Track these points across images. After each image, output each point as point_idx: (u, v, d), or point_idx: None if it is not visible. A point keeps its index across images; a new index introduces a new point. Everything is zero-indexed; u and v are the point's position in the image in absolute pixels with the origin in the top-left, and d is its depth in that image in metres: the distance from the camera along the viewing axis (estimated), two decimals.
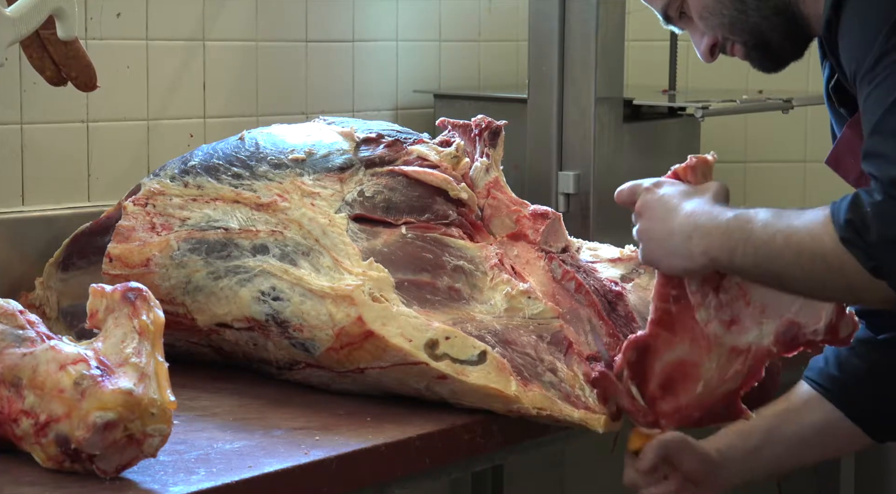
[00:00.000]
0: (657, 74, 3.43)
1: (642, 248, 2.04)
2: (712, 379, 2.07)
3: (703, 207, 1.97)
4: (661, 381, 2.08)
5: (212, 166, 2.31)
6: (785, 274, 1.89)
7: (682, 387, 2.07)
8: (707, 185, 2.03)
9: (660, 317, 2.06)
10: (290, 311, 2.15)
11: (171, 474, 1.81)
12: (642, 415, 2.10)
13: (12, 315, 1.87)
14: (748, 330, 2.05)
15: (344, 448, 1.94)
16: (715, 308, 2.05)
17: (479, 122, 2.39)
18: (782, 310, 2.04)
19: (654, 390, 2.08)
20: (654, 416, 2.09)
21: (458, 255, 2.22)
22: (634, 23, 3.37)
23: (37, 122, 2.60)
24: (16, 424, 1.81)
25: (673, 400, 2.08)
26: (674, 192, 2.02)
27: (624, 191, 2.09)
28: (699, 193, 2.01)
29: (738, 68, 3.63)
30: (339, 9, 3.12)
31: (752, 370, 2.07)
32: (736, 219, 1.92)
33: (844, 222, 1.81)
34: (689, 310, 2.05)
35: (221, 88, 2.89)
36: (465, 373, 2.06)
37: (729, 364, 2.07)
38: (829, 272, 1.84)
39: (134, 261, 2.27)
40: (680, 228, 1.98)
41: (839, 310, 2.03)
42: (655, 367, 2.07)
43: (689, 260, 1.97)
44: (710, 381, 2.07)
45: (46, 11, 2.09)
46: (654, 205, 2.02)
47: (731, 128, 3.65)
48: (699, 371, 2.06)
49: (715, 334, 2.05)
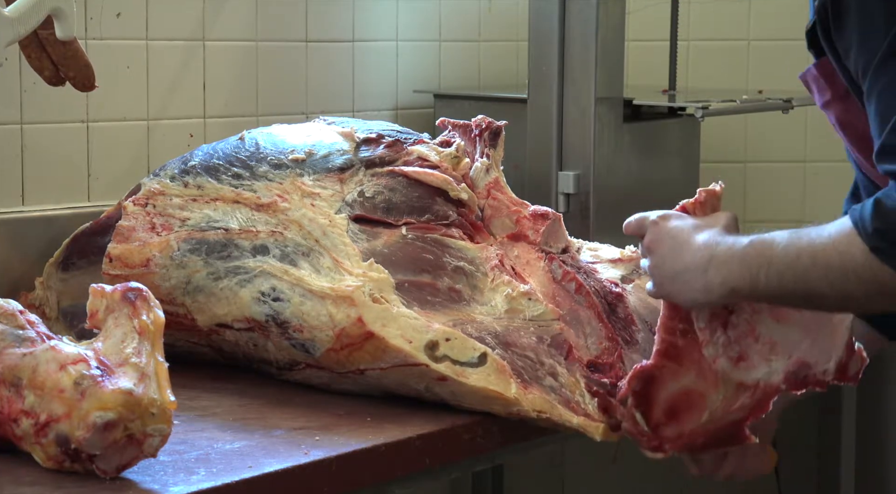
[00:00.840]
0: (657, 74, 3.43)
1: (655, 284, 2.01)
2: (717, 410, 2.05)
3: (717, 238, 1.94)
4: (666, 409, 2.05)
5: (212, 166, 2.31)
6: (814, 293, 1.86)
7: (686, 416, 2.05)
8: (717, 216, 2.00)
9: (666, 349, 2.03)
10: (290, 312, 2.15)
11: (171, 474, 1.81)
12: (646, 440, 2.07)
13: (12, 315, 1.87)
14: (757, 367, 2.03)
15: (344, 448, 1.93)
16: (723, 344, 2.02)
17: (479, 122, 2.39)
18: (792, 348, 2.01)
19: (659, 416, 2.05)
20: (657, 441, 2.07)
21: (459, 256, 2.22)
22: (634, 23, 3.37)
23: (37, 122, 2.60)
24: (16, 424, 1.81)
25: (677, 426, 2.06)
26: (684, 225, 1.99)
27: (631, 224, 2.05)
28: (710, 224, 1.97)
29: (738, 68, 3.65)
30: (339, 9, 3.12)
31: (760, 403, 2.05)
32: (752, 246, 1.89)
33: (872, 231, 1.77)
34: (696, 344, 2.02)
35: (221, 88, 2.89)
36: (466, 375, 2.06)
37: (736, 397, 2.04)
38: (862, 284, 1.80)
39: (134, 261, 2.27)
40: (694, 261, 1.94)
41: (849, 348, 2.01)
42: (661, 396, 2.04)
43: (707, 292, 1.94)
44: (715, 412, 2.05)
45: (45, 11, 2.09)
46: (664, 238, 1.99)
47: (731, 128, 3.65)
48: (705, 401, 2.04)
49: (723, 370, 2.02)
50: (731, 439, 2.09)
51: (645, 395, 2.04)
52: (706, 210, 2.04)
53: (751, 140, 3.71)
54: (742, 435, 2.08)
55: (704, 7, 3.63)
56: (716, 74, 3.63)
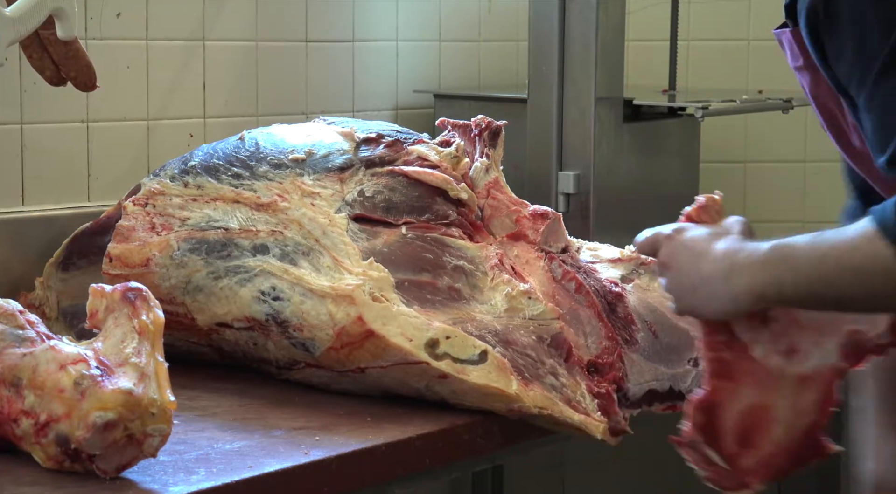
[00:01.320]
0: (657, 74, 3.43)
1: (676, 299, 1.94)
2: (788, 416, 1.97)
3: (736, 245, 1.88)
4: (737, 436, 1.96)
5: (212, 166, 2.32)
6: (843, 296, 1.82)
7: (759, 436, 1.96)
8: (729, 223, 1.94)
9: (715, 369, 1.95)
10: (290, 311, 2.15)
11: (171, 474, 1.81)
12: (727, 479, 1.97)
13: (12, 315, 1.87)
14: (810, 354, 1.95)
15: (344, 448, 1.93)
16: (769, 340, 1.94)
17: (479, 122, 2.39)
18: (838, 324, 1.95)
19: (732, 446, 1.96)
20: (739, 476, 1.97)
21: (459, 255, 2.22)
22: (634, 23, 3.37)
23: (37, 122, 2.60)
24: (16, 424, 1.81)
25: (754, 452, 1.96)
26: (700, 235, 1.92)
27: (644, 243, 1.98)
28: (725, 232, 1.92)
29: (738, 68, 3.65)
30: (339, 9, 3.12)
31: (826, 394, 1.97)
32: (773, 251, 1.84)
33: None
34: (743, 352, 1.95)
35: (221, 88, 2.89)
36: (466, 373, 2.06)
37: (800, 395, 1.96)
38: (891, 283, 1.77)
39: (134, 261, 2.27)
40: (715, 271, 1.88)
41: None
42: (727, 424, 1.95)
43: (732, 302, 1.88)
44: (786, 420, 1.97)
45: (46, 11, 2.09)
46: (680, 251, 1.93)
47: (731, 128, 3.65)
48: (772, 413, 1.96)
49: (778, 366, 1.95)
50: (812, 452, 2.00)
51: (711, 427, 1.95)
52: (710, 214, 1.98)
53: (751, 140, 3.71)
54: (822, 446, 1.99)
55: (704, 7, 3.63)
56: (716, 74, 3.63)
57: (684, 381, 2.24)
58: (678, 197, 3.23)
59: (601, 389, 2.12)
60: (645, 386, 2.21)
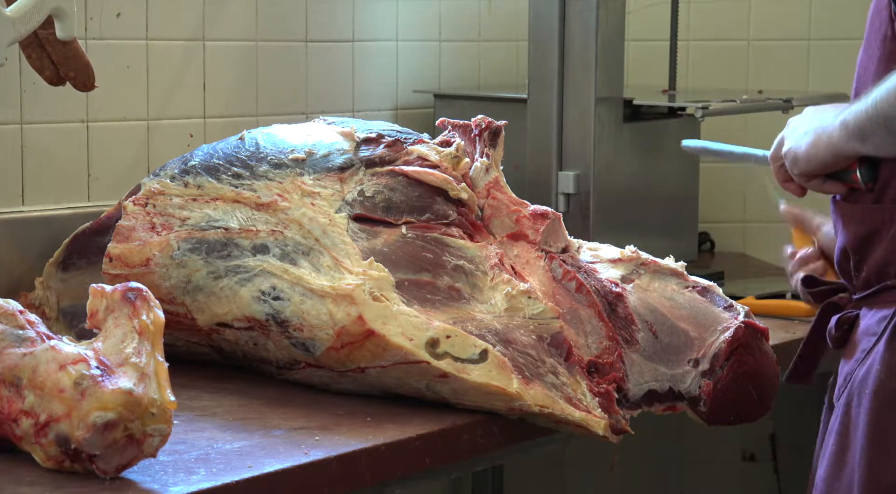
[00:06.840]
0: (657, 74, 3.43)
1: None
2: None
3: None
4: None
5: (212, 166, 2.32)
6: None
7: None
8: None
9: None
10: (290, 311, 2.15)
11: (171, 474, 1.81)
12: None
13: (12, 315, 1.87)
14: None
15: (344, 448, 1.94)
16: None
17: (479, 122, 2.39)
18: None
19: None
20: None
21: (459, 255, 2.22)
22: (634, 23, 3.37)
23: (37, 122, 2.60)
24: (16, 424, 1.81)
25: None
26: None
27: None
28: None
29: (738, 68, 3.65)
30: (339, 9, 3.12)
31: None
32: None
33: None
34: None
35: (221, 88, 2.89)
36: (467, 371, 2.06)
37: None
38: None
39: (134, 261, 2.27)
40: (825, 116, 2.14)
41: None
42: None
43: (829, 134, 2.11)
44: None
45: (46, 11, 2.09)
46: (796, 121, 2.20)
47: (731, 128, 3.65)
48: None
49: None
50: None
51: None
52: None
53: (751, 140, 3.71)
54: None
55: (704, 7, 3.63)
56: (716, 74, 3.63)
57: (684, 382, 2.24)
58: (678, 197, 3.24)
59: (601, 389, 2.12)
60: (645, 386, 2.21)
